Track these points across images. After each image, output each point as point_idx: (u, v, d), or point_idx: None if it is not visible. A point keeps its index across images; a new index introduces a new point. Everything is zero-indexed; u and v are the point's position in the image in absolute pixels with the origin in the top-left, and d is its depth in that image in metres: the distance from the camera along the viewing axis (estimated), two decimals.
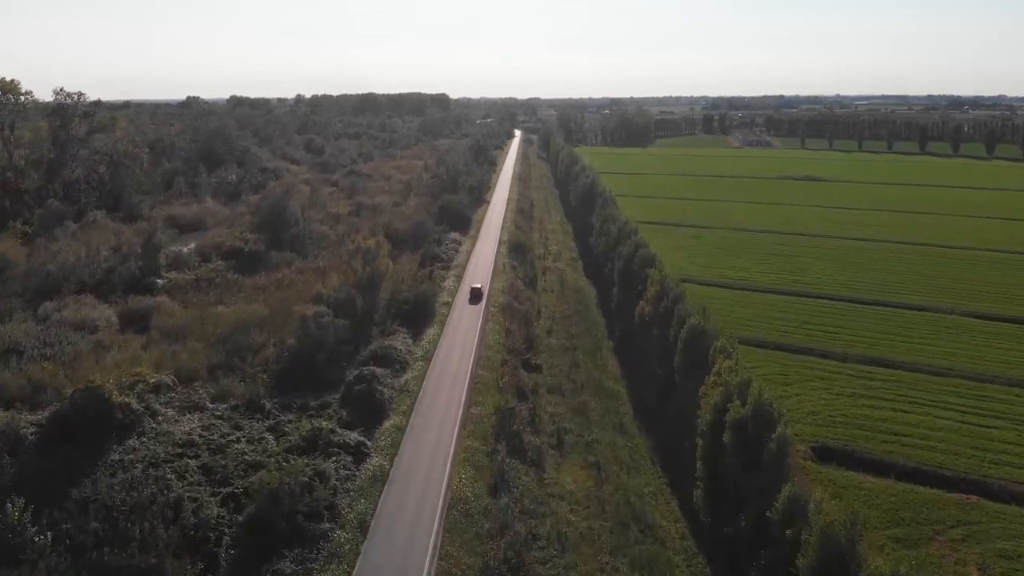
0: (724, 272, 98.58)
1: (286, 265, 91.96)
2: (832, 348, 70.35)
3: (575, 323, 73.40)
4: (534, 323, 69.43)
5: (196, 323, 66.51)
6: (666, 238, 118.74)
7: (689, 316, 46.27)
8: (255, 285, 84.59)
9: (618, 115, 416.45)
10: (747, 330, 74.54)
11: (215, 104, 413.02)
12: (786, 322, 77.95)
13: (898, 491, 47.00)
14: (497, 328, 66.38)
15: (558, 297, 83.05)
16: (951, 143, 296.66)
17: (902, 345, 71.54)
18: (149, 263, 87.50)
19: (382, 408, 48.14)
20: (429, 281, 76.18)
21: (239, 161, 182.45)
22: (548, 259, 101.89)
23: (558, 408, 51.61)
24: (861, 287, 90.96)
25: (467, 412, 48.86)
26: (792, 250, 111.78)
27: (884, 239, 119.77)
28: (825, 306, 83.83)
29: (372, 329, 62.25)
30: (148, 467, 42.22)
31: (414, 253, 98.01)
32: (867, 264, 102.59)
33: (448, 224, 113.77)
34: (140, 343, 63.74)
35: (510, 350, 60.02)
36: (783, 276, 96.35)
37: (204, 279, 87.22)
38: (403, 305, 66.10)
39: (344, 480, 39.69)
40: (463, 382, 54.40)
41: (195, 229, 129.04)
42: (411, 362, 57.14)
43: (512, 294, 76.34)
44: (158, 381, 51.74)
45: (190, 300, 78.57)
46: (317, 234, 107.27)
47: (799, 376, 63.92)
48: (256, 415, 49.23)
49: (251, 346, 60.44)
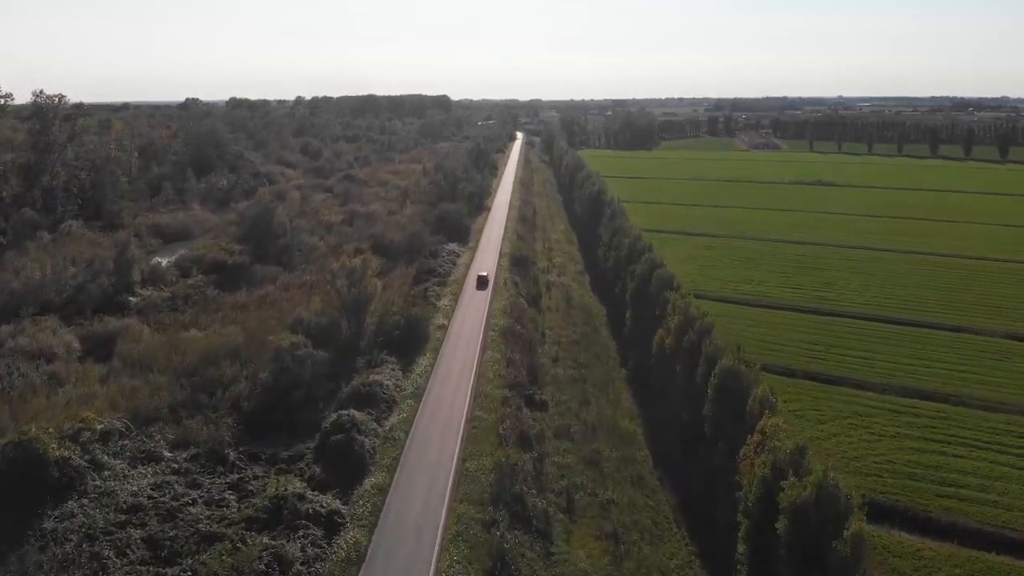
0: (741, 287, 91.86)
1: (271, 280, 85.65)
2: (867, 377, 63.68)
3: (583, 348, 66.65)
4: (538, 349, 62.77)
5: (163, 351, 60.05)
6: (676, 248, 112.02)
7: (721, 355, 39.58)
8: (236, 303, 78.22)
9: (622, 117, 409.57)
10: (772, 354, 67.93)
11: (213, 106, 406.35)
12: (813, 345, 71.26)
13: (963, 560, 40.36)
14: (497, 357, 59.68)
15: (564, 317, 76.33)
16: (963, 146, 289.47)
17: (943, 373, 64.84)
18: (122, 279, 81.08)
19: (362, 463, 41.47)
20: (423, 303, 69.49)
21: (231, 166, 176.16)
22: (552, 273, 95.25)
23: (567, 457, 44.85)
24: (891, 304, 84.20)
25: (461, 467, 42.12)
26: (813, 262, 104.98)
27: (910, 249, 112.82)
28: (854, 326, 77.10)
29: (357, 360, 55.53)
30: (84, 540, 35.71)
31: (409, 266, 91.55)
32: (895, 278, 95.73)
33: (446, 234, 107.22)
34: (100, 374, 57.37)
35: (511, 384, 53.33)
36: (805, 292, 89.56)
37: (181, 296, 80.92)
38: (393, 331, 59.43)
39: (312, 561, 33.03)
40: (457, 427, 47.52)
41: (181, 238, 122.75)
42: (399, 400, 50.42)
43: (514, 315, 69.69)
44: (108, 427, 45.18)
45: (163, 321, 72.23)
46: (306, 246, 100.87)
47: (833, 411, 57.26)
48: (219, 468, 42.66)
49: (221, 380, 54.01)
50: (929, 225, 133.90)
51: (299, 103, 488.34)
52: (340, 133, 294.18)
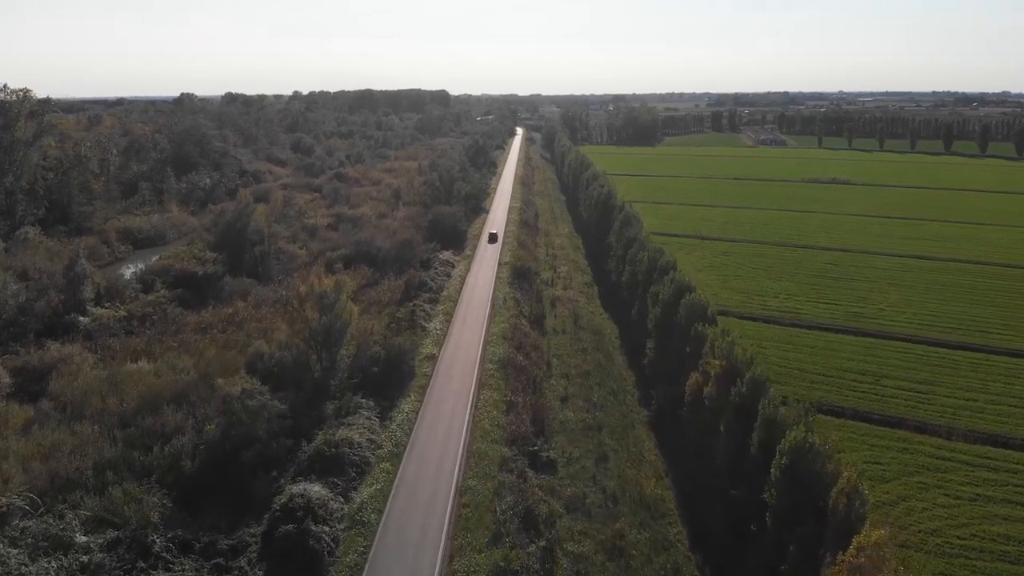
0: (767, 302, 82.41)
1: (242, 295, 76.23)
2: (929, 417, 54.44)
3: (596, 381, 57.11)
4: (544, 386, 53.37)
5: (101, 390, 50.75)
6: (691, 255, 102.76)
7: (787, 424, 30.28)
8: (199, 323, 69.04)
9: (624, 112, 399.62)
10: (815, 388, 58.70)
11: (209, 101, 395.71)
12: (860, 376, 61.92)
13: None
14: (496, 398, 50.11)
15: (572, 341, 66.81)
16: (979, 142, 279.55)
17: (1017, 412, 55.58)
18: (72, 296, 71.71)
19: (318, 563, 32.07)
20: (409, 329, 59.88)
21: (215, 164, 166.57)
22: (558, 285, 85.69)
23: (583, 544, 35.25)
24: (941, 323, 74.79)
25: (447, 570, 32.54)
26: (841, 271, 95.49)
27: (950, 256, 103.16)
28: (901, 351, 67.72)
29: (325, 405, 45.94)
30: None
31: (397, 278, 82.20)
32: (937, 290, 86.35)
33: (439, 241, 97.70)
34: (24, 420, 48.12)
35: (513, 438, 43.85)
36: (840, 307, 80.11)
37: (138, 316, 71.46)
38: (371, 367, 49.93)
39: None
40: (444, 504, 37.72)
41: (154, 244, 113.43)
42: (374, 462, 40.92)
43: (515, 342, 60.21)
44: (7, 506, 35.85)
45: (113, 347, 62.91)
46: (285, 254, 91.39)
47: (898, 466, 47.96)
48: (139, 562, 33.38)
49: (162, 430, 44.69)
50: (965, 229, 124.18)
51: (295, 98, 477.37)
52: (334, 129, 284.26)
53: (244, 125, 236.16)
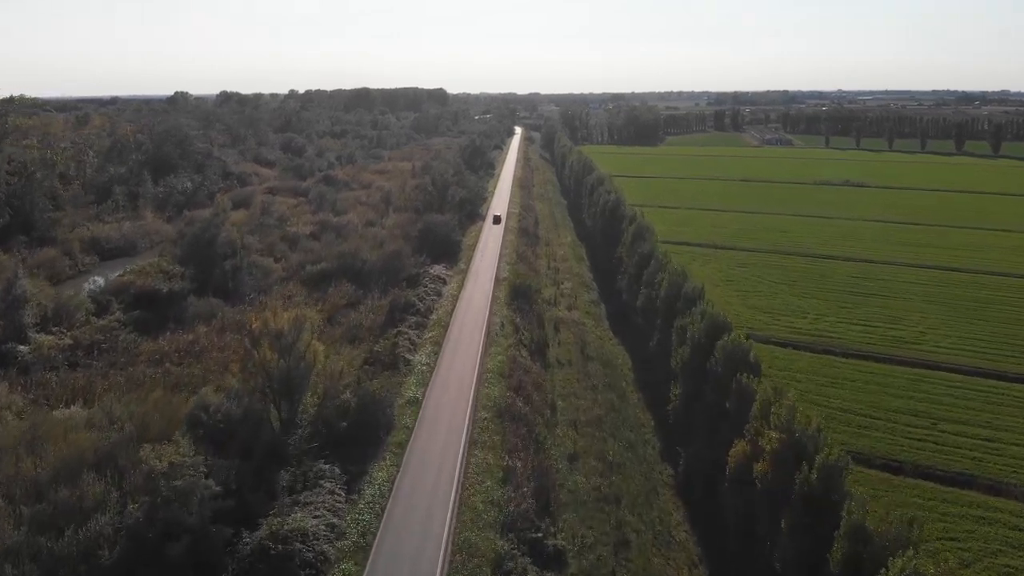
0: (795, 323, 74.04)
1: (206, 320, 67.71)
2: (1003, 475, 46.15)
3: (610, 433, 48.42)
4: (547, 441, 44.80)
5: (18, 449, 42.26)
6: (705, 266, 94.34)
7: (891, 545, 21.85)
8: (153, 353, 60.70)
9: (625, 111, 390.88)
10: (863, 436, 50.47)
11: (204, 100, 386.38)
12: (912, 417, 53.65)
13: None
14: (491, 461, 41.17)
15: (579, 375, 58.21)
16: (991, 142, 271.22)
17: None
18: (10, 322, 63.15)
19: None
20: (389, 369, 51.12)
21: (197, 166, 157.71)
22: (561, 304, 77.14)
23: None
24: (990, 348, 66.53)
25: None
26: (872, 286, 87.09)
27: (983, 268, 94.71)
28: (954, 384, 59.45)
29: (279, 475, 37.21)
30: None
31: (382, 296, 73.74)
32: (980, 308, 78.03)
33: (431, 253, 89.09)
34: None
35: (511, 520, 35.02)
36: (877, 330, 71.71)
37: (85, 345, 62.84)
38: (339, 420, 41.24)
39: None
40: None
41: (124, 255, 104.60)
42: (334, 561, 32.18)
43: (514, 381, 51.62)
44: None
45: (50, 384, 54.49)
46: (260, 268, 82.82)
47: (978, 543, 39.64)
48: None
49: (80, 505, 36.22)
50: (992, 236, 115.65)
51: (291, 97, 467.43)
52: (328, 129, 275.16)
53: (233, 125, 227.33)
